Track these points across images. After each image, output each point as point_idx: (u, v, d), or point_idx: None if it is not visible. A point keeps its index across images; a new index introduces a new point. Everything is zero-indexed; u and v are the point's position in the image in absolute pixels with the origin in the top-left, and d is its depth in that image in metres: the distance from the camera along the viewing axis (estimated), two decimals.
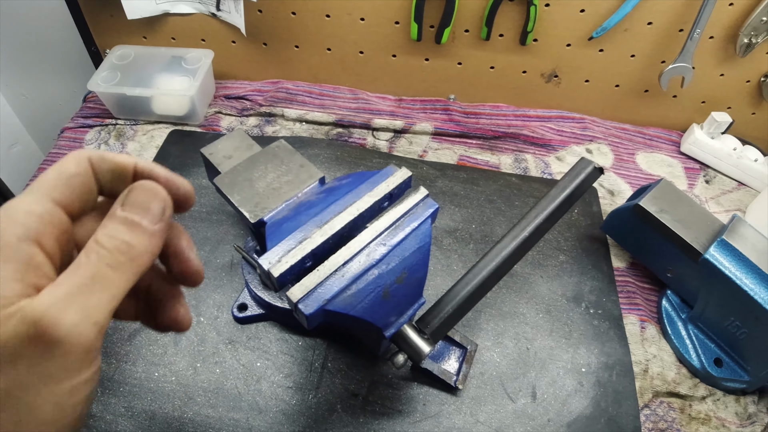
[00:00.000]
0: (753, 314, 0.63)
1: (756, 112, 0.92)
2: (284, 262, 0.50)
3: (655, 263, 0.75)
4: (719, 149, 0.88)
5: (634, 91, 0.91)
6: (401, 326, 0.56)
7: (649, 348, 0.70)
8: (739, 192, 0.88)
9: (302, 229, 0.54)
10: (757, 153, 0.88)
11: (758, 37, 0.81)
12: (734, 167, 0.88)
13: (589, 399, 0.65)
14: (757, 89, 0.89)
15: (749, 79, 0.87)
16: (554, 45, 0.85)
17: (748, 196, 0.87)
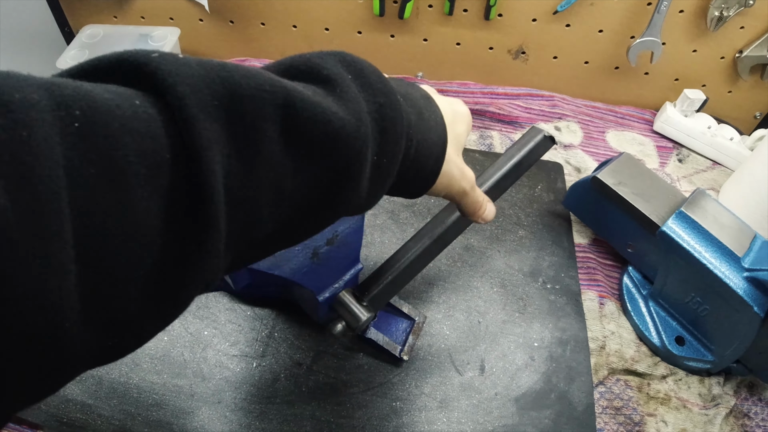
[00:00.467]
0: (713, 289, 0.60)
1: (732, 90, 0.87)
2: None
3: (615, 238, 0.71)
4: (692, 128, 0.84)
5: (604, 68, 0.87)
6: (339, 291, 0.55)
7: (607, 325, 0.67)
8: (714, 171, 0.84)
9: None
10: (732, 132, 0.84)
11: (729, 10, 0.77)
12: (708, 146, 0.84)
13: (540, 374, 0.62)
14: (732, 66, 0.84)
15: (723, 55, 0.83)
16: (519, 20, 0.81)
17: (723, 176, 0.83)
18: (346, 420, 0.57)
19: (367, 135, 0.28)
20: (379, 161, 0.29)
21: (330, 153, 0.26)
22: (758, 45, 0.80)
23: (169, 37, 0.84)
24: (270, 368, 0.60)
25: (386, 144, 0.29)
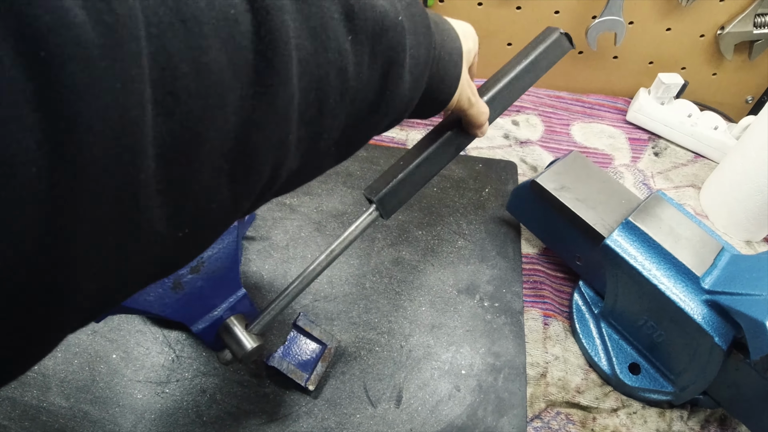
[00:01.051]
0: (667, 314, 0.50)
1: (717, 72, 0.73)
2: None
3: (563, 249, 0.61)
4: (670, 116, 0.71)
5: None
6: (219, 320, 0.49)
7: (551, 348, 0.57)
8: (695, 165, 0.71)
9: None
10: (717, 119, 0.70)
11: None
12: (689, 137, 0.71)
13: (465, 406, 0.54)
14: (714, 45, 0.70)
15: (703, 33, 0.69)
16: (462, 5, 0.70)
17: (706, 169, 0.70)
18: None
19: (403, 25, 0.29)
20: (416, 53, 0.30)
21: (380, 38, 0.27)
22: (742, 19, 0.66)
23: None
24: (173, 395, 0.55)
25: (417, 37, 0.30)
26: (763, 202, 0.59)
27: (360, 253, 0.63)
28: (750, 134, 0.60)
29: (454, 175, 0.70)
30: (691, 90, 0.72)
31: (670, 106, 0.72)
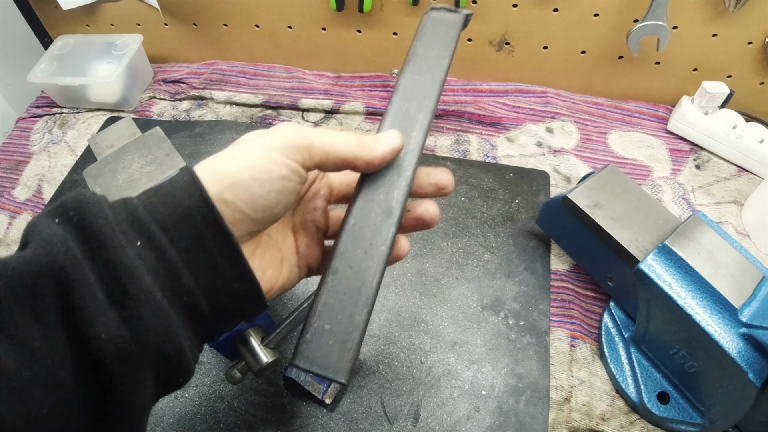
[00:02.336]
0: (701, 344, 0.47)
1: (765, 81, 0.69)
2: None
3: (593, 268, 0.59)
4: (713, 127, 0.67)
5: (604, 57, 0.72)
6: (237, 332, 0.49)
7: (577, 372, 0.56)
8: (739, 180, 0.68)
9: None
10: (764, 131, 0.66)
11: None
12: (733, 149, 0.68)
13: (484, 428, 0.52)
14: (762, 53, 0.66)
15: (751, 40, 0.65)
16: (497, 6, 0.68)
17: (750, 185, 0.66)
18: None
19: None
20: None
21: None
22: None
23: (132, 44, 0.79)
24: (191, 401, 0.56)
25: None
26: None
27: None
28: None
29: (483, 184, 0.69)
30: (737, 99, 0.68)
31: (714, 116, 0.68)
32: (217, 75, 0.83)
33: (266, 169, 0.28)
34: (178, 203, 0.26)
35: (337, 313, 0.30)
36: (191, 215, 0.26)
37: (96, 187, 0.55)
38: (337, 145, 0.30)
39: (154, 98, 0.83)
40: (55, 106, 0.86)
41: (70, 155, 0.79)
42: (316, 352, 0.29)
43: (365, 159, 0.30)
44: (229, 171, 0.27)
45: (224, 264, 0.27)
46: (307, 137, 0.29)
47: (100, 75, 0.77)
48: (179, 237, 0.26)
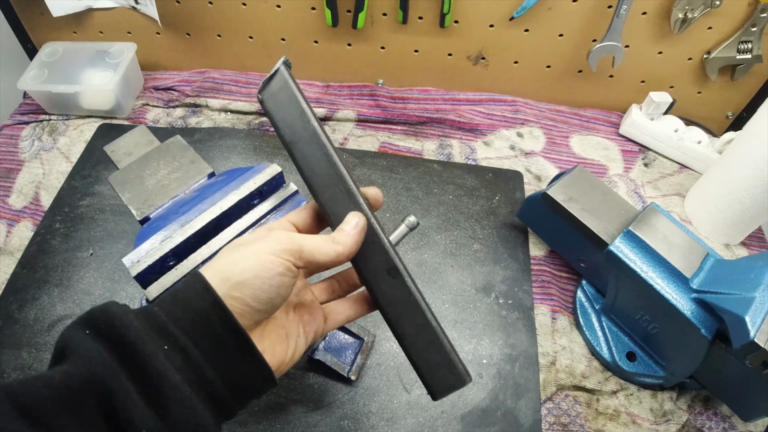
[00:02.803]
0: (661, 309, 0.59)
1: (702, 91, 0.84)
2: (142, 263, 0.50)
3: (568, 253, 0.71)
4: (659, 131, 0.81)
5: (567, 71, 0.85)
6: None
7: (559, 339, 0.67)
8: (681, 175, 0.82)
9: (167, 228, 0.54)
10: (701, 134, 0.81)
11: (694, 11, 0.74)
12: (675, 149, 0.82)
13: (487, 391, 0.63)
14: (700, 67, 0.81)
15: (690, 56, 0.79)
16: (476, 26, 0.79)
17: (690, 180, 0.81)
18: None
19: None
20: None
21: None
22: (727, 46, 0.77)
23: (126, 52, 0.83)
24: None
25: None
26: (742, 210, 0.70)
27: None
28: (732, 149, 0.71)
29: (467, 183, 0.79)
30: (678, 107, 0.82)
31: (659, 121, 0.82)
32: (209, 83, 0.88)
33: (265, 268, 0.34)
34: (196, 309, 0.33)
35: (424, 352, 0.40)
36: (208, 318, 0.33)
37: (125, 193, 0.60)
38: (321, 252, 0.36)
39: (147, 105, 0.88)
40: (42, 112, 0.88)
41: (65, 162, 0.82)
42: (442, 383, 0.40)
43: (345, 253, 0.37)
44: (235, 272, 0.34)
45: (239, 355, 0.34)
46: (297, 242, 0.36)
47: (96, 82, 0.81)
48: (200, 338, 0.32)
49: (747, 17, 0.74)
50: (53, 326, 0.68)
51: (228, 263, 0.35)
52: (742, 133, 0.69)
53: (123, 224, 0.76)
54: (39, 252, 0.74)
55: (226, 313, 0.33)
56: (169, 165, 0.63)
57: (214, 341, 0.33)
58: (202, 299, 0.33)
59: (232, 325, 0.33)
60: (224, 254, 0.36)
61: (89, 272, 0.72)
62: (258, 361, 0.35)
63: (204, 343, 0.33)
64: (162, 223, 0.55)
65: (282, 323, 0.40)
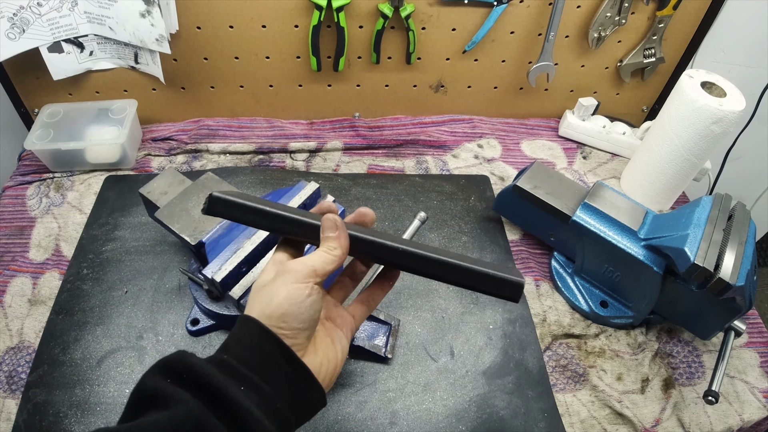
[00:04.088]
0: (621, 259, 0.79)
1: (619, 92, 1.10)
2: (224, 270, 0.64)
3: (539, 231, 0.91)
4: (590, 128, 1.06)
5: (510, 90, 1.08)
6: None
7: (544, 301, 0.86)
8: (613, 162, 1.07)
9: (235, 242, 0.69)
10: (624, 127, 1.07)
11: (606, 30, 0.99)
12: (606, 142, 1.07)
13: (498, 349, 0.81)
14: (615, 73, 1.07)
15: (607, 65, 1.06)
16: (435, 60, 1.01)
17: (621, 165, 1.05)
18: (351, 414, 0.72)
19: None
20: None
21: None
22: (635, 53, 1.04)
23: (128, 108, 0.97)
24: None
25: None
26: (667, 180, 0.94)
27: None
28: (651, 134, 0.95)
29: (445, 190, 0.99)
30: (602, 107, 1.08)
31: (589, 121, 1.07)
32: (204, 130, 1.03)
33: (296, 295, 0.42)
34: (261, 350, 0.40)
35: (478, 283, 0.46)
36: (273, 357, 0.41)
37: (175, 224, 0.73)
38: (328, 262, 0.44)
39: (149, 155, 1.01)
40: (43, 171, 0.98)
41: (78, 214, 0.93)
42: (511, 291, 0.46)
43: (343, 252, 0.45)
44: (274, 308, 0.42)
45: (301, 383, 0.42)
46: (309, 265, 0.43)
47: (105, 137, 0.94)
48: (269, 375, 0.40)
49: (648, 29, 1.02)
50: (102, 361, 0.77)
51: (264, 304, 0.42)
52: (658, 119, 0.94)
53: (150, 262, 0.88)
54: (71, 297, 0.84)
55: (285, 349, 0.41)
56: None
57: (281, 376, 0.41)
58: (263, 339, 0.41)
59: (294, 360, 0.42)
60: (256, 297, 0.44)
61: (127, 308, 0.82)
62: (316, 385, 0.43)
63: (272, 380, 0.40)
64: (226, 240, 0.70)
65: (325, 333, 0.48)
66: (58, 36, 0.94)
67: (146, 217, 0.93)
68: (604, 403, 0.76)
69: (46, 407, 0.72)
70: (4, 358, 0.77)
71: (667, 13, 0.99)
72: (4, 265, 0.88)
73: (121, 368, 0.76)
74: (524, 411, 0.74)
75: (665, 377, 0.79)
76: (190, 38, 0.96)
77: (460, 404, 0.74)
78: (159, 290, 0.85)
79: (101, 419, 0.71)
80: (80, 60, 0.97)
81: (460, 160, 1.05)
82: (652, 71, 1.08)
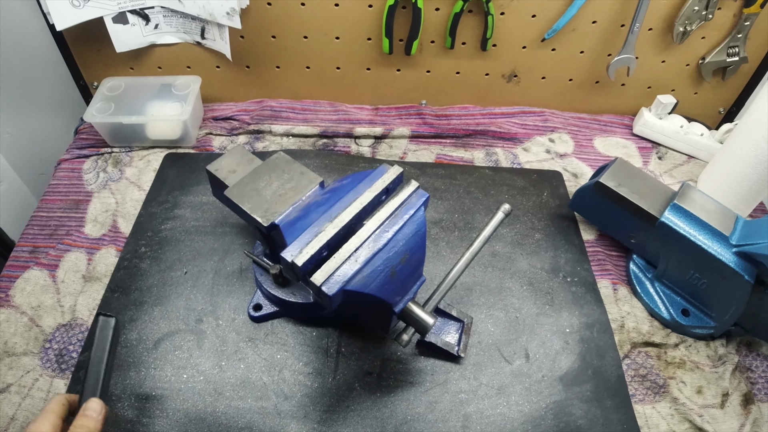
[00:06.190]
0: (709, 266, 0.76)
1: (698, 91, 1.06)
2: (305, 253, 0.61)
3: (618, 232, 0.88)
4: (667, 128, 1.02)
5: (586, 83, 1.05)
6: (407, 303, 0.68)
7: (622, 307, 0.82)
8: (689, 164, 1.02)
9: (315, 225, 0.65)
10: (702, 128, 1.03)
11: (692, 24, 0.96)
12: (683, 143, 1.03)
13: (576, 355, 0.77)
14: (696, 71, 1.03)
15: (688, 62, 1.02)
16: (511, 48, 0.98)
17: (698, 167, 1.01)
18: (421, 415, 0.69)
19: None
20: None
21: None
22: (718, 51, 1.00)
23: (192, 85, 0.95)
24: (344, 380, 0.72)
25: None
26: (749, 187, 0.89)
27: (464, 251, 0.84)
28: (734, 135, 0.91)
29: (517, 184, 0.95)
30: (678, 107, 1.04)
31: (666, 120, 1.03)
32: (267, 111, 1.01)
33: None
34: None
35: None
36: None
37: (245, 203, 0.70)
38: None
39: (210, 134, 0.98)
40: (101, 145, 0.96)
41: (137, 190, 0.91)
42: None
43: None
44: None
45: None
46: None
47: (168, 113, 0.91)
48: None
49: (733, 26, 0.97)
50: (159, 344, 0.75)
51: None
52: (743, 120, 0.90)
53: (211, 243, 0.85)
54: (128, 276, 0.82)
55: None
56: (280, 177, 0.74)
57: None
58: None
59: None
60: None
61: (186, 290, 0.80)
62: None
63: None
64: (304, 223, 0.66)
65: None
66: (123, 6, 0.91)
67: (207, 197, 0.90)
68: (684, 417, 0.73)
69: None
70: (54, 335, 0.75)
71: (754, 11, 0.94)
72: (57, 239, 0.86)
73: (179, 352, 0.74)
74: (603, 422, 0.71)
75: (745, 392, 0.76)
76: (259, 14, 0.93)
77: (536, 410, 0.71)
78: (219, 273, 0.82)
79: (156, 405, 0.69)
80: (144, 33, 0.95)
81: (531, 154, 1.00)
82: (734, 71, 1.03)
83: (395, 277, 0.64)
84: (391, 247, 0.62)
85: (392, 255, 0.62)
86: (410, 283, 0.67)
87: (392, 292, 0.64)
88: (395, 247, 0.63)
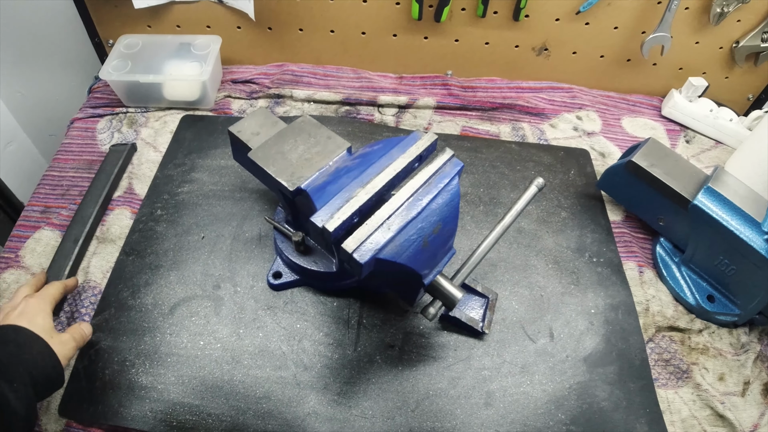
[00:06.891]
0: (739, 252, 0.75)
1: (729, 76, 1.04)
2: (336, 218, 0.59)
3: (647, 214, 0.86)
4: (697, 111, 1.00)
5: (617, 60, 1.02)
6: (436, 276, 0.66)
7: (648, 290, 0.81)
8: (717, 150, 1.00)
9: (347, 190, 0.63)
10: (731, 113, 1.01)
11: (730, 6, 0.93)
12: (711, 127, 1.01)
13: (600, 336, 0.76)
14: (729, 55, 1.01)
15: (722, 45, 1.00)
16: (544, 20, 0.95)
17: (725, 153, 0.99)
18: (443, 390, 0.68)
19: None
20: None
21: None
22: (753, 36, 0.98)
23: (212, 45, 0.91)
24: (365, 352, 0.71)
25: None
26: None
27: (489, 226, 0.82)
28: (764, 125, 0.89)
29: (544, 161, 0.93)
30: (708, 91, 1.01)
31: (696, 103, 1.00)
32: (288, 76, 0.98)
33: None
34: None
35: None
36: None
37: (270, 167, 0.68)
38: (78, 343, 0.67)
39: (228, 97, 0.96)
40: (116, 105, 0.93)
41: (153, 152, 0.88)
42: None
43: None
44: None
45: None
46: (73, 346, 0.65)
47: (186, 72, 0.88)
48: None
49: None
50: (175, 309, 0.73)
51: None
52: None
53: (229, 208, 0.83)
54: (143, 238, 0.80)
55: None
56: (306, 141, 0.71)
57: None
58: None
59: None
60: None
61: (204, 254, 0.78)
62: None
63: None
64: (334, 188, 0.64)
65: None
66: None
67: (225, 161, 0.88)
68: (705, 403, 0.72)
69: (111, 354, 0.70)
70: (66, 297, 0.72)
71: None
72: (70, 198, 0.83)
73: (195, 318, 0.72)
74: (626, 404, 0.70)
75: (765, 381, 0.75)
76: None
77: (559, 390, 0.70)
78: (238, 238, 0.80)
79: (172, 371, 0.68)
80: None
81: (558, 130, 0.98)
82: (767, 57, 1.00)
83: (427, 247, 0.62)
84: (425, 217, 0.60)
85: (426, 225, 0.60)
86: (440, 255, 0.66)
87: (423, 263, 0.62)
88: (429, 217, 0.61)
